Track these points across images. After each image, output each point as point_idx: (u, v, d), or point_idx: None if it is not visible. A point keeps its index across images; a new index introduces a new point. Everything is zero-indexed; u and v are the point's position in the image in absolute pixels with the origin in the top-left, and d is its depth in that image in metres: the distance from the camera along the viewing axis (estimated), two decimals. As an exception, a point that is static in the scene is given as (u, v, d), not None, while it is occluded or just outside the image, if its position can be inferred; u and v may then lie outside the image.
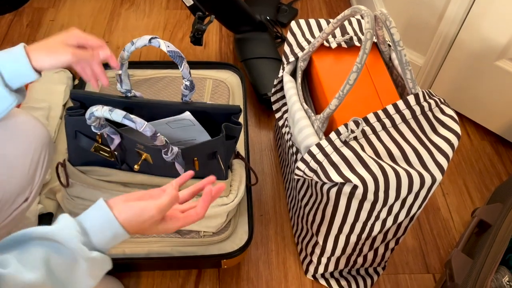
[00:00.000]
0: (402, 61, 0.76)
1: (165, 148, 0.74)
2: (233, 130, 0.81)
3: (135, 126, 0.68)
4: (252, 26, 1.36)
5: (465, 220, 1.11)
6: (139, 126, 0.68)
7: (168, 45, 0.72)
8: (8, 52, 0.66)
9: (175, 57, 0.73)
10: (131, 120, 0.67)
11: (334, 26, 0.81)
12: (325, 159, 0.73)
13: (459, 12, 1.09)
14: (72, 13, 1.57)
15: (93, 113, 0.70)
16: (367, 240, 0.87)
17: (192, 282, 0.99)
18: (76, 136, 0.82)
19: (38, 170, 0.73)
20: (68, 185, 0.87)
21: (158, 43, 0.72)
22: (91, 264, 0.52)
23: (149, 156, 0.80)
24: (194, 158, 0.80)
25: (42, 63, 0.67)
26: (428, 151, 0.74)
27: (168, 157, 0.76)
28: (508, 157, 1.24)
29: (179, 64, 0.74)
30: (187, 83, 0.79)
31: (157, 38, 0.72)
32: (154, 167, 0.83)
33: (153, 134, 0.70)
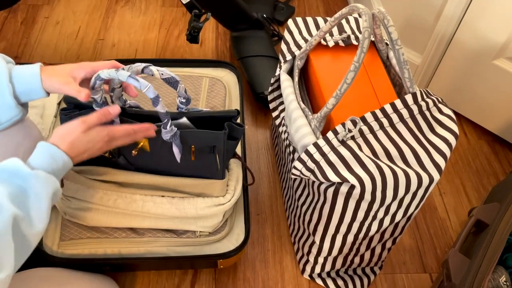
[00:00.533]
0: (400, 60, 0.75)
1: (166, 118, 0.73)
2: (236, 131, 0.80)
3: (139, 86, 0.68)
4: (249, 24, 1.35)
5: (462, 220, 1.11)
6: (143, 86, 0.68)
7: (162, 73, 0.72)
8: (25, 68, 0.69)
9: (171, 83, 0.73)
10: (135, 79, 0.68)
11: (332, 25, 0.81)
12: (322, 159, 0.72)
13: (457, 11, 1.09)
14: (67, 10, 1.56)
15: (99, 75, 0.69)
16: (364, 240, 0.86)
17: (188, 282, 0.98)
18: None
19: None
20: (62, 185, 0.86)
21: (151, 72, 0.72)
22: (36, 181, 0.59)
23: (146, 142, 0.79)
24: (192, 145, 0.79)
25: (51, 89, 0.70)
26: (426, 151, 0.74)
27: (167, 132, 0.75)
28: (505, 156, 1.24)
29: (176, 88, 0.74)
30: (183, 100, 0.79)
31: (150, 67, 0.72)
32: (151, 156, 0.82)
33: (156, 97, 0.69)
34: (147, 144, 0.80)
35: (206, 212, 0.85)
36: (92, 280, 0.88)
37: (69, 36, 1.48)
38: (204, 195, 0.86)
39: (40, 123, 1.06)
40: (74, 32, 1.49)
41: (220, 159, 0.81)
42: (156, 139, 0.78)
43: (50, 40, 1.46)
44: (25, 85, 0.68)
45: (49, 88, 0.69)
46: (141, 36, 1.48)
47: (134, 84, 0.68)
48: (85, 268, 0.88)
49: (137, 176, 0.83)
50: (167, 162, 0.81)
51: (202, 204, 0.85)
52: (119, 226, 0.88)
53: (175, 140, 0.77)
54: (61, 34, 1.48)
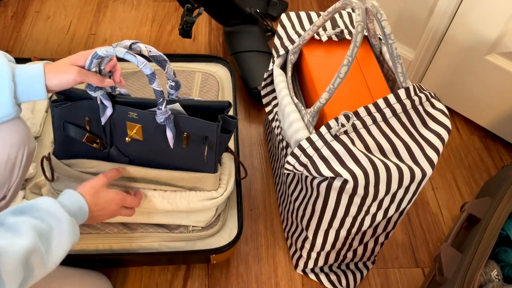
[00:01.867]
0: (393, 54, 0.75)
1: (160, 98, 0.72)
2: (229, 124, 0.80)
3: (136, 62, 0.68)
4: (242, 19, 1.35)
5: (454, 215, 1.12)
6: (140, 62, 0.68)
7: (150, 50, 0.71)
8: (28, 67, 0.68)
9: (159, 61, 0.73)
10: (132, 55, 0.68)
11: (325, 19, 0.80)
12: (315, 153, 0.72)
13: (449, 7, 1.09)
14: (58, 4, 1.54)
15: (96, 52, 0.69)
16: (357, 235, 0.86)
17: (181, 277, 0.98)
18: (64, 127, 0.81)
19: (15, 168, 0.71)
20: (53, 179, 0.85)
21: (139, 48, 0.71)
22: (69, 227, 0.62)
23: (140, 129, 0.78)
24: (185, 132, 0.78)
25: (50, 82, 0.68)
26: (419, 145, 0.74)
27: (162, 113, 0.74)
28: (497, 151, 1.24)
29: (163, 67, 0.73)
30: (172, 84, 0.78)
31: (138, 43, 0.71)
32: (144, 144, 0.81)
33: (152, 73, 0.70)
34: (140, 132, 0.79)
35: (198, 205, 0.84)
36: (83, 276, 0.87)
37: (60, 31, 1.46)
38: (197, 189, 0.85)
39: (31, 118, 1.05)
40: (65, 27, 1.47)
41: (212, 152, 0.81)
42: (149, 126, 0.78)
43: (40, 34, 1.44)
44: (27, 85, 0.67)
45: (57, 84, 0.69)
46: (133, 31, 1.47)
47: (131, 60, 0.68)
48: (76, 264, 0.87)
49: (129, 168, 0.82)
50: (159, 151, 0.81)
51: (195, 198, 0.84)
52: (111, 220, 0.87)
53: (169, 124, 0.76)
54: (52, 29, 1.46)
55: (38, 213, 0.60)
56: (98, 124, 0.80)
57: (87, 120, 0.80)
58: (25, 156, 0.72)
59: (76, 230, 0.65)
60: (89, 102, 0.78)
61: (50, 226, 0.60)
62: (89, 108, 0.79)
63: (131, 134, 0.79)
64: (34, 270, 0.57)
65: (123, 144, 0.82)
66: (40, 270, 0.59)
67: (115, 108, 0.78)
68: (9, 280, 0.53)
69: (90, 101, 0.78)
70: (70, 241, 0.63)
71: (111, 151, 0.83)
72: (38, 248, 0.57)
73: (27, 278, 0.56)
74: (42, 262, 0.58)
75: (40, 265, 0.58)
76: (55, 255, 0.61)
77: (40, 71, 0.67)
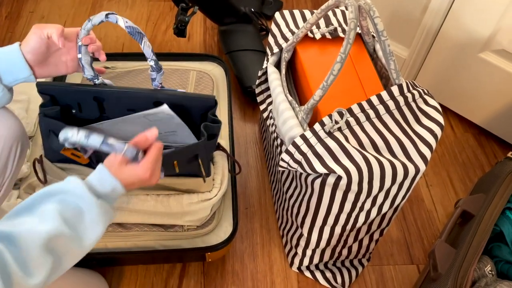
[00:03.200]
0: (385, 51, 0.76)
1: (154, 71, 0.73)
2: (213, 129, 0.79)
3: (115, 151, 0.65)
4: (237, 18, 1.35)
5: (449, 211, 1.12)
6: (119, 150, 0.65)
7: (126, 21, 0.68)
8: (4, 47, 0.68)
9: (134, 34, 0.69)
10: (109, 146, 0.65)
11: (318, 17, 0.80)
12: (309, 150, 0.72)
13: (443, 4, 1.09)
14: (52, 4, 1.54)
15: (68, 139, 0.65)
16: (352, 232, 0.86)
17: (177, 276, 0.98)
18: (49, 135, 0.80)
19: (9, 163, 0.71)
20: (46, 181, 0.84)
21: (115, 18, 0.68)
22: (98, 210, 0.59)
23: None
24: (174, 161, 0.78)
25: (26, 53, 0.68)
26: (412, 142, 0.74)
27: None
28: (491, 148, 1.25)
29: (139, 41, 0.70)
30: (152, 64, 0.74)
31: (115, 14, 0.69)
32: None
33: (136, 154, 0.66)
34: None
35: (192, 208, 0.84)
36: (78, 275, 0.87)
37: (54, 31, 1.46)
38: (191, 191, 0.85)
39: (25, 117, 1.05)
40: (60, 27, 1.47)
41: (203, 161, 0.80)
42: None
43: (35, 34, 1.44)
44: (5, 61, 0.67)
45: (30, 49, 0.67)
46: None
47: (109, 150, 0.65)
48: (71, 263, 0.87)
49: None
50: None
51: (188, 201, 0.84)
52: None
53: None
54: (46, 29, 1.46)
55: (65, 196, 0.58)
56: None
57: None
58: (19, 152, 0.72)
59: (107, 210, 0.61)
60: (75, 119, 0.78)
61: (79, 211, 0.58)
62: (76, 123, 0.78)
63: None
64: (63, 255, 0.56)
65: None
66: (72, 254, 0.57)
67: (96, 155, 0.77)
68: (36, 266, 0.52)
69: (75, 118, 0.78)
70: (102, 222, 0.60)
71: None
72: (64, 232, 0.55)
73: (57, 264, 0.55)
74: (72, 247, 0.57)
75: (70, 250, 0.56)
76: (88, 238, 0.58)
77: (15, 46, 0.67)
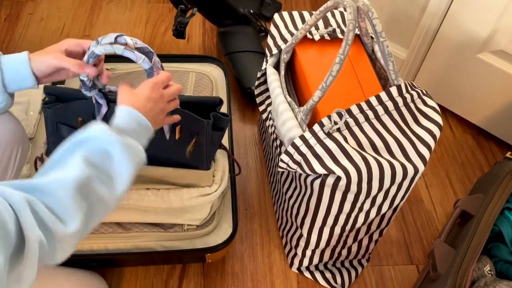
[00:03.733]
0: (384, 52, 0.76)
1: None
2: (221, 121, 0.80)
3: (135, 58, 0.69)
4: (236, 19, 1.35)
5: (448, 212, 1.13)
6: (138, 57, 0.69)
7: (135, 42, 0.71)
8: (13, 55, 0.68)
9: (145, 53, 0.72)
10: (131, 51, 0.69)
11: (317, 18, 0.81)
12: (309, 151, 0.72)
13: (441, 5, 1.10)
14: (51, 6, 1.54)
15: (94, 52, 0.68)
16: (351, 232, 0.87)
17: (177, 277, 0.98)
18: (57, 128, 0.81)
19: (10, 165, 0.71)
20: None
21: (124, 40, 0.70)
22: (125, 148, 0.58)
23: None
24: (178, 125, 0.78)
25: (43, 69, 0.68)
26: (411, 142, 0.75)
27: None
28: (490, 149, 1.25)
29: (150, 59, 0.73)
30: None
31: (124, 36, 0.71)
32: None
33: (150, 68, 0.70)
34: None
35: (192, 202, 0.85)
36: (79, 276, 0.87)
37: (54, 33, 1.46)
38: (190, 186, 0.86)
39: (25, 119, 1.05)
40: (59, 29, 1.47)
41: (202, 148, 0.81)
42: None
43: (34, 36, 1.44)
44: (13, 72, 0.67)
45: (41, 69, 0.68)
46: (127, 32, 1.47)
47: (130, 56, 0.69)
48: (71, 264, 0.87)
49: None
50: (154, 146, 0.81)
51: (187, 195, 0.84)
52: (105, 220, 0.87)
53: None
54: (45, 31, 1.46)
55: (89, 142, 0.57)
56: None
57: (80, 121, 0.80)
58: (19, 156, 0.73)
59: (135, 147, 0.60)
60: (82, 103, 0.78)
61: (105, 153, 0.57)
62: (81, 109, 0.79)
63: None
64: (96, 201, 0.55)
65: None
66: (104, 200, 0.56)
67: (110, 106, 0.78)
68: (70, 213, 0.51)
69: (83, 101, 0.78)
70: (131, 160, 0.59)
71: None
72: (93, 176, 0.54)
73: (91, 210, 0.54)
74: (104, 191, 0.56)
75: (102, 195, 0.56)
76: (119, 178, 0.58)
77: (25, 57, 0.67)
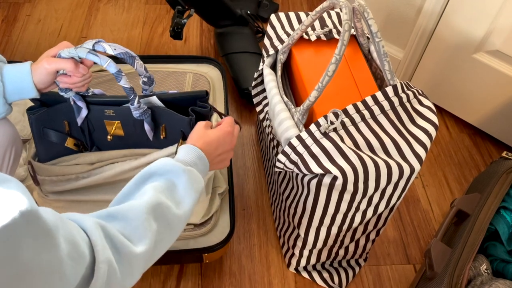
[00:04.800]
0: (380, 52, 0.76)
1: (131, 94, 0.71)
2: (203, 115, 0.79)
3: (99, 61, 0.67)
4: (233, 20, 1.36)
5: (445, 211, 1.13)
6: (103, 61, 0.67)
7: (114, 48, 0.68)
8: (16, 66, 0.68)
9: (126, 58, 0.70)
10: (95, 55, 0.67)
11: (313, 18, 0.81)
12: (305, 151, 0.73)
13: (437, 6, 1.10)
14: (49, 7, 1.54)
15: (60, 54, 0.68)
16: (348, 232, 0.87)
17: (174, 277, 0.98)
18: (43, 132, 0.81)
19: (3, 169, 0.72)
20: (38, 183, 0.85)
21: (102, 47, 0.68)
22: (188, 176, 0.62)
23: (119, 125, 0.78)
24: (162, 124, 0.78)
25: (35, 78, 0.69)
26: (407, 142, 0.75)
27: (136, 110, 0.74)
28: (486, 148, 1.26)
29: (132, 64, 0.71)
30: (144, 79, 0.77)
31: (101, 42, 0.69)
32: (126, 139, 0.81)
33: (118, 71, 0.68)
34: (120, 127, 0.79)
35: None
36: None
37: (51, 34, 1.46)
38: None
39: (22, 120, 1.05)
40: (57, 30, 1.47)
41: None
42: (128, 120, 0.77)
43: (32, 38, 1.44)
44: (16, 84, 0.68)
45: (42, 79, 0.69)
46: (125, 33, 1.48)
47: (94, 59, 0.67)
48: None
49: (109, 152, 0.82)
50: (141, 145, 0.81)
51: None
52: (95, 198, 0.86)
53: (146, 118, 0.76)
54: (43, 32, 1.46)
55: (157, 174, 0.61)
56: (77, 126, 0.80)
57: (67, 123, 0.80)
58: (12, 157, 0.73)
59: (197, 178, 0.64)
60: (66, 105, 0.78)
61: (171, 182, 0.61)
62: (67, 111, 0.79)
63: (112, 131, 0.79)
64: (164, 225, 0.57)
65: (104, 143, 0.82)
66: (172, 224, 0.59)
67: (90, 108, 0.78)
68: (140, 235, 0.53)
69: (68, 104, 0.78)
70: (194, 189, 0.62)
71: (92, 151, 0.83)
72: (162, 201, 0.57)
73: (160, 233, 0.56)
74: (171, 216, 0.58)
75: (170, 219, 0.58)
76: (185, 205, 0.61)
77: (27, 70, 0.68)
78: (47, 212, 0.40)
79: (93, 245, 0.46)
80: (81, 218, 0.48)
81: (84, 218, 0.48)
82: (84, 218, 0.48)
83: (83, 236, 0.46)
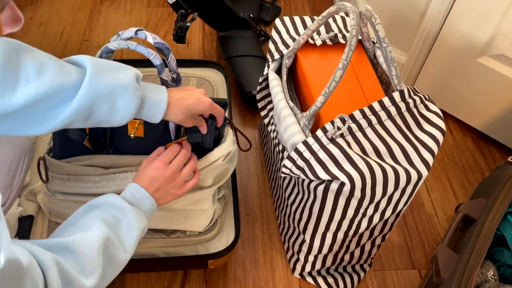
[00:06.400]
0: (387, 57, 0.76)
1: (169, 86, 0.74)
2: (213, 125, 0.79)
3: (147, 53, 0.71)
4: (235, 23, 1.35)
5: (449, 216, 1.13)
6: (150, 53, 0.71)
7: (154, 37, 0.73)
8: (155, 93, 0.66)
9: (163, 49, 0.74)
10: (144, 47, 0.72)
11: (319, 23, 0.81)
12: (312, 157, 0.72)
13: (441, 10, 1.10)
14: (50, 10, 1.53)
15: (107, 47, 0.72)
16: (354, 237, 0.87)
17: (178, 283, 0.98)
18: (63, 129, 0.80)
19: (17, 175, 0.72)
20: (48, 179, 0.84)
21: (144, 35, 0.74)
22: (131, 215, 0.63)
23: (141, 125, 0.78)
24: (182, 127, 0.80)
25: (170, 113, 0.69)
26: (414, 147, 0.75)
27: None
28: (490, 152, 1.26)
29: (166, 56, 0.75)
30: (173, 76, 0.78)
31: (143, 30, 0.74)
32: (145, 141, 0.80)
33: (161, 64, 0.72)
34: (141, 128, 0.79)
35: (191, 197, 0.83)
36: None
37: (53, 37, 1.46)
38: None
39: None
40: (59, 33, 1.47)
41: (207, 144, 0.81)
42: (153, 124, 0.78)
43: (34, 41, 1.44)
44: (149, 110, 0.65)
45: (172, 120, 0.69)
46: (127, 37, 1.47)
47: (142, 51, 0.71)
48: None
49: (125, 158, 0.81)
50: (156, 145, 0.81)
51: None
52: None
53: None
54: (45, 35, 1.46)
55: (103, 208, 0.63)
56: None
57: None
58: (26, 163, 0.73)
59: (141, 217, 0.65)
60: None
61: (117, 218, 0.63)
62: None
63: (133, 131, 0.79)
64: (112, 258, 0.59)
65: (123, 144, 0.81)
66: (118, 258, 0.60)
67: None
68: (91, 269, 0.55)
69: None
70: (138, 228, 0.64)
71: (110, 153, 0.82)
72: (110, 236, 0.59)
73: (108, 267, 0.58)
74: (118, 250, 0.60)
75: (117, 253, 0.60)
76: (128, 244, 0.63)
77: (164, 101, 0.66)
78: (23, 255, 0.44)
79: (48, 282, 0.48)
80: (39, 253, 0.50)
81: (41, 253, 0.50)
82: (41, 253, 0.50)
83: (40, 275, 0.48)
